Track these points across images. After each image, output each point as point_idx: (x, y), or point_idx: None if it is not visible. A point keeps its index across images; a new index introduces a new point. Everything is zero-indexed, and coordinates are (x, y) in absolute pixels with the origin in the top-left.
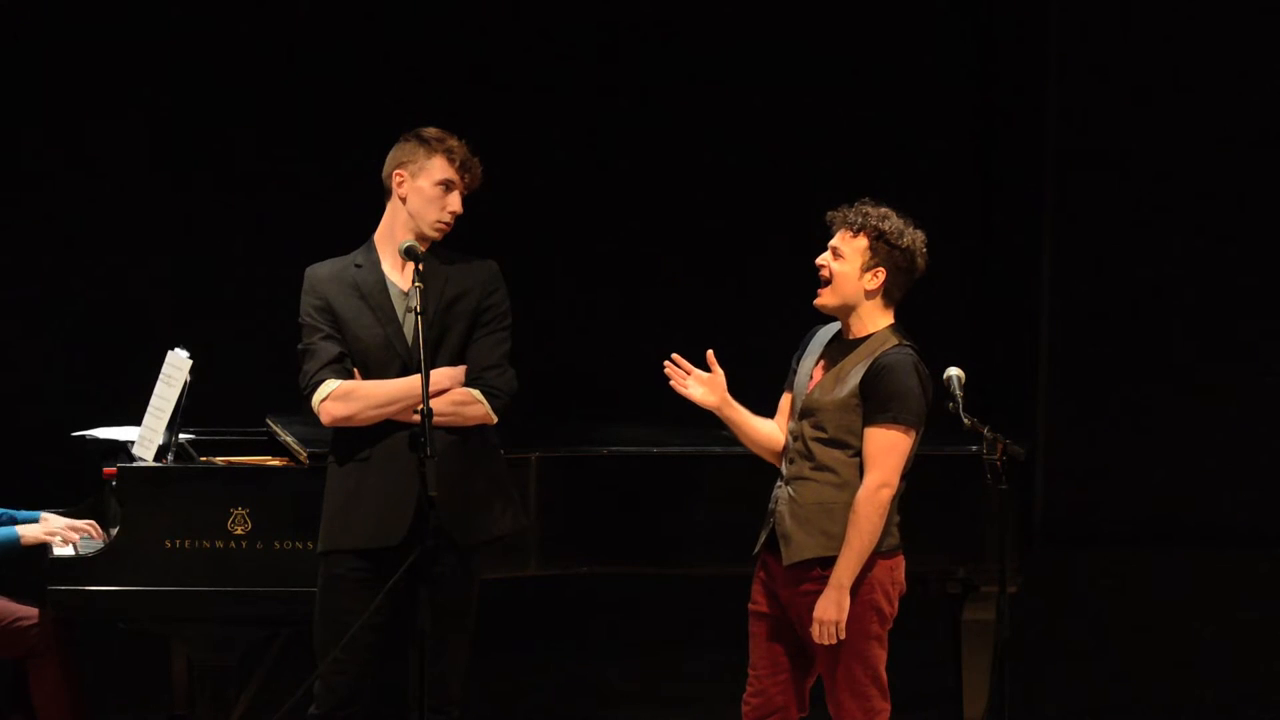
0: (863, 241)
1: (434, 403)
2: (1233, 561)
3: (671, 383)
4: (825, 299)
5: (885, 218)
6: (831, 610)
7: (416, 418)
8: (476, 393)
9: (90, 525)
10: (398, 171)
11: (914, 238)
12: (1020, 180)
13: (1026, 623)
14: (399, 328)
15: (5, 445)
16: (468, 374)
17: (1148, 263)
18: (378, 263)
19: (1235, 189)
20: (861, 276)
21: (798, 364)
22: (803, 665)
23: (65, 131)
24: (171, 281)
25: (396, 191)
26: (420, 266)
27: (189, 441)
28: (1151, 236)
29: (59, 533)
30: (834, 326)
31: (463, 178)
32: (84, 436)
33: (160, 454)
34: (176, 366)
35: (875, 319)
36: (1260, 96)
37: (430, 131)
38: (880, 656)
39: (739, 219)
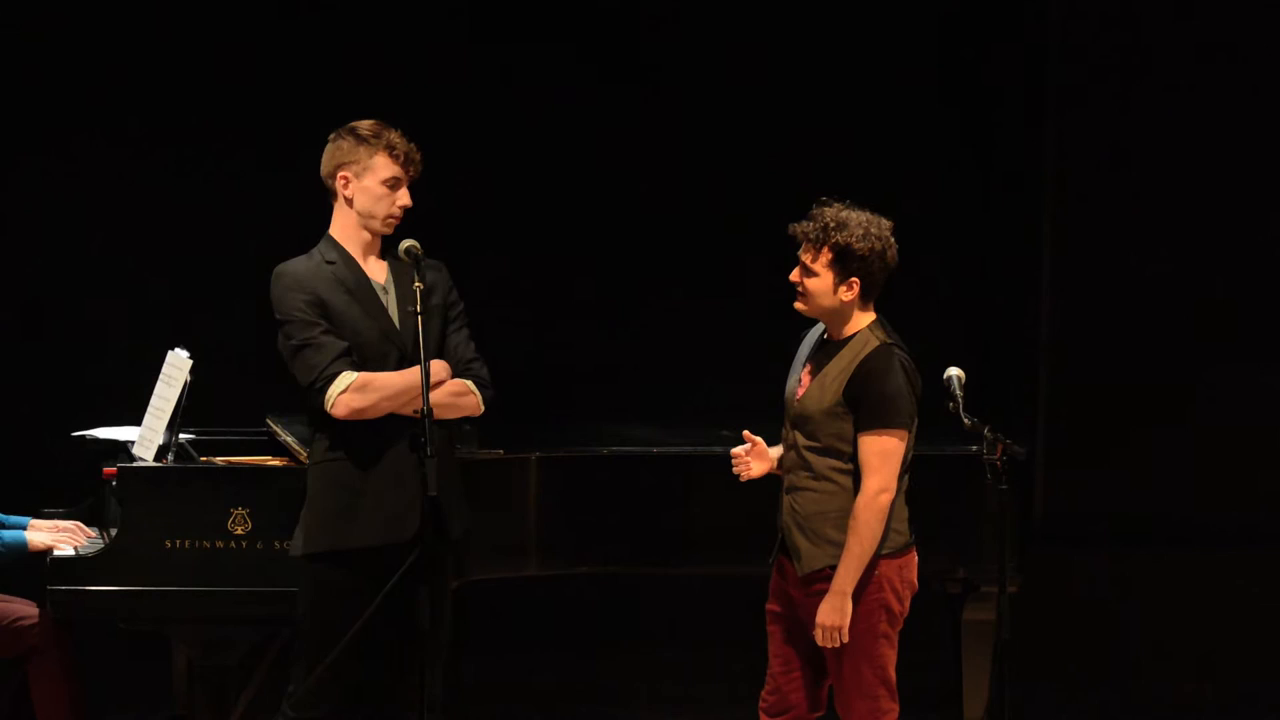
0: (827, 257)
1: (435, 394)
2: (1233, 561)
3: (741, 475)
4: (803, 306)
5: (843, 226)
6: (834, 616)
7: (418, 414)
8: (470, 384)
9: (76, 525)
10: (341, 174)
11: (878, 235)
12: (1020, 180)
13: (1026, 623)
14: (390, 320)
15: (5, 445)
16: (454, 367)
17: (1148, 262)
18: (350, 259)
19: (1236, 188)
20: (836, 290)
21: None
22: (817, 665)
23: (64, 132)
24: (171, 281)
25: (342, 193)
26: (421, 266)
27: (189, 441)
28: (1152, 236)
29: (61, 540)
30: (821, 327)
31: (408, 170)
32: (84, 436)
33: (160, 454)
34: (176, 366)
35: (857, 319)
36: (1262, 97)
37: (365, 127)
38: (889, 656)
39: (740, 220)
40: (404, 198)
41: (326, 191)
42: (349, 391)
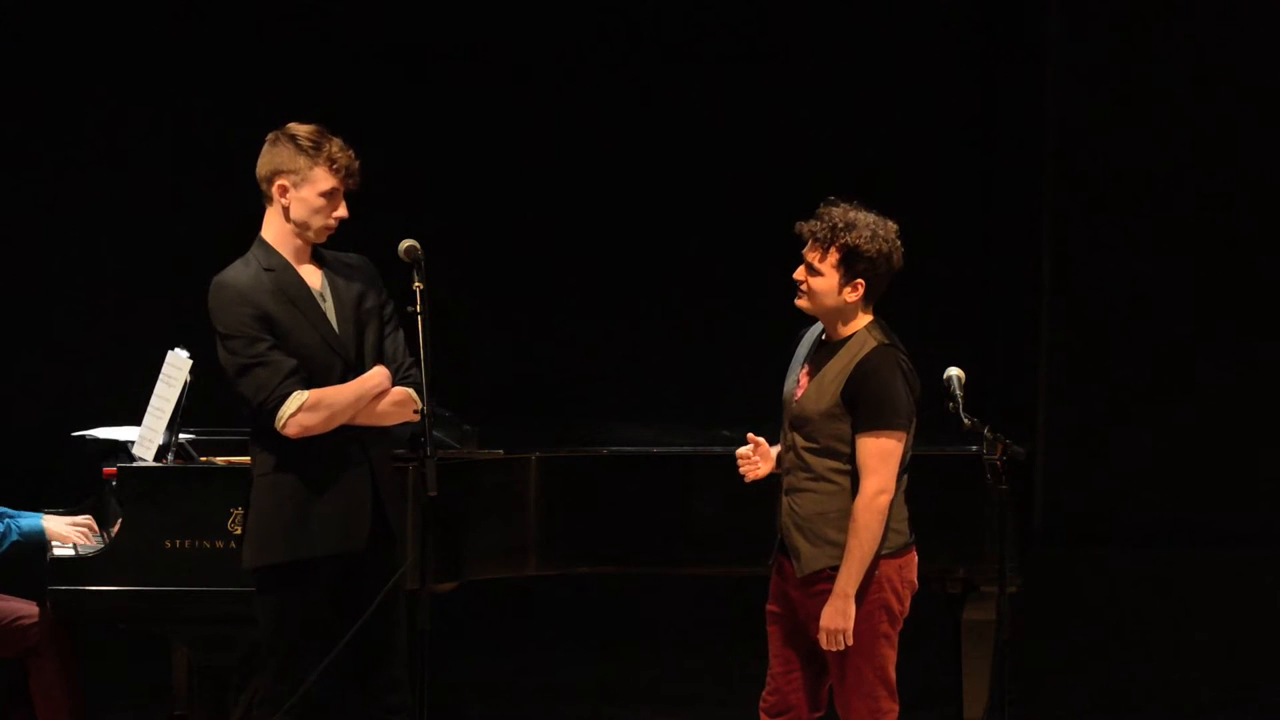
0: (834, 257)
1: (381, 404)
2: (1233, 562)
3: (748, 475)
4: (805, 304)
5: (851, 227)
6: (838, 619)
7: (369, 420)
8: (412, 392)
9: (88, 520)
10: (279, 182)
11: (885, 237)
12: (1020, 180)
13: (1026, 623)
14: (331, 328)
15: (5, 445)
16: (392, 372)
17: (1147, 262)
18: (288, 265)
19: (1234, 189)
20: (841, 291)
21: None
22: (816, 666)
23: (64, 131)
24: (171, 281)
25: (278, 200)
26: (421, 267)
27: (189, 441)
28: (1151, 237)
29: (72, 537)
30: (819, 327)
31: (346, 183)
32: (84, 436)
33: (160, 454)
34: (176, 366)
35: (857, 320)
36: (1259, 100)
37: (305, 135)
38: (889, 656)
39: (739, 220)
40: (341, 210)
41: (260, 194)
42: (302, 412)
